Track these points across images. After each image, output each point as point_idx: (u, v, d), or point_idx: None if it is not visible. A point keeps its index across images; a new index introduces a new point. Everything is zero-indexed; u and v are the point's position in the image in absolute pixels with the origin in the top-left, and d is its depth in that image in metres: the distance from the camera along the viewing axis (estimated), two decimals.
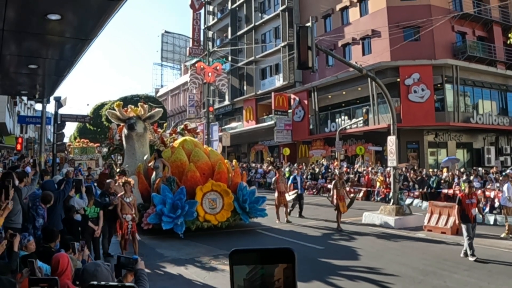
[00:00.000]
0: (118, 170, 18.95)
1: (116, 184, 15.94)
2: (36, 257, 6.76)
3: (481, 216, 17.98)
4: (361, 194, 33.62)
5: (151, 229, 17.86)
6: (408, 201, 25.59)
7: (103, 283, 2.51)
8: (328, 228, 20.31)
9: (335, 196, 20.10)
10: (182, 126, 26.62)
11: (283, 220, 21.76)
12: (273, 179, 23.79)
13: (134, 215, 13.91)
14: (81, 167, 34.30)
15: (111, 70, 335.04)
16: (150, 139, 22.90)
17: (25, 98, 48.14)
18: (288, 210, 22.74)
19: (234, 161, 25.15)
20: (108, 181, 14.57)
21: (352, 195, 23.54)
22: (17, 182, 10.48)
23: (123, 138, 22.08)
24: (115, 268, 5.42)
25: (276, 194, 22.27)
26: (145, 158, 21.05)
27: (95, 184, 20.17)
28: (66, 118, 25.52)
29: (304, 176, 39.90)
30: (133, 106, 22.39)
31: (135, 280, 5.18)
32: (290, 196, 23.20)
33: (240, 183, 20.18)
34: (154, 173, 19.17)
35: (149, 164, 19.79)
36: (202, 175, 19.67)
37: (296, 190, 24.02)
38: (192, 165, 19.68)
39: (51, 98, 22.32)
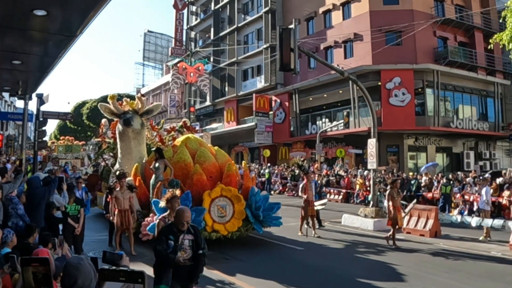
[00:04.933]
0: (117, 172, 16.30)
1: (118, 189, 14.71)
2: (18, 253, 6.76)
3: None
4: (341, 196, 33.77)
5: (150, 240, 14.22)
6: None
7: (113, 267, 2.53)
8: (344, 240, 19.33)
9: (391, 207, 17.19)
10: (181, 123, 24.69)
11: (306, 233, 18.82)
12: (301, 185, 20.32)
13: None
14: (67, 166, 33.63)
15: (92, 69, 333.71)
16: (147, 137, 20.61)
17: (5, 95, 47.83)
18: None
19: (243, 162, 23.09)
20: (180, 207, 8.21)
21: (410, 204, 20.67)
22: None
23: (117, 135, 19.65)
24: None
25: (303, 203, 19.22)
26: (144, 159, 18.67)
27: (87, 190, 17.97)
28: (48, 115, 25.00)
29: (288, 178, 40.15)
30: (128, 99, 19.88)
31: None
32: (317, 206, 20.31)
33: (251, 188, 17.46)
34: (153, 175, 16.45)
35: (151, 167, 17.09)
36: (209, 178, 17.05)
37: (325, 199, 22.67)
38: (198, 166, 16.95)
39: (33, 95, 21.87)
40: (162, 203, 9.46)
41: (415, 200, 20.72)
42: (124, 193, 14.54)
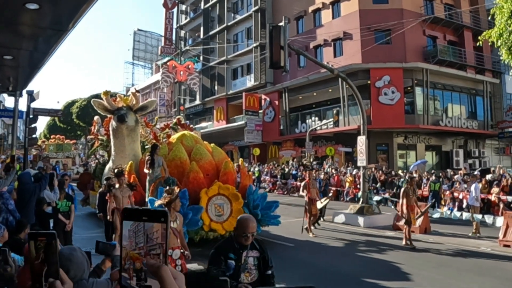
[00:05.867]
0: (115, 169, 14.61)
1: (117, 186, 13.73)
2: (8, 247, 6.76)
3: None
4: (331, 194, 33.82)
5: None
6: (376, 198, 25.70)
7: (136, 207, 2.57)
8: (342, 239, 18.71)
9: (404, 206, 16.38)
10: (175, 121, 24.06)
11: (301, 230, 18.39)
12: (302, 184, 19.94)
13: (183, 249, 8.31)
14: (58, 165, 33.31)
15: (82, 68, 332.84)
16: (141, 134, 20.05)
17: None
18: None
19: (240, 160, 22.42)
20: (243, 215, 6.73)
21: (426, 207, 19.46)
22: None
23: (111, 132, 19.14)
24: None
25: (306, 201, 18.68)
26: (138, 157, 18.27)
27: (73, 187, 16.95)
28: (39, 112, 24.88)
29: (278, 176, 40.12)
30: (122, 95, 19.72)
31: (112, 266, 5.23)
32: (321, 204, 19.96)
33: (249, 186, 17.13)
34: (149, 172, 15.80)
35: (147, 162, 16.06)
36: (205, 176, 16.55)
37: (328, 197, 22.13)
38: (195, 164, 16.47)
39: (24, 92, 21.68)
40: (159, 202, 8.64)
41: (430, 203, 20.46)
42: (123, 191, 13.79)
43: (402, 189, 17.21)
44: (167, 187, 9.05)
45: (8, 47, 11.98)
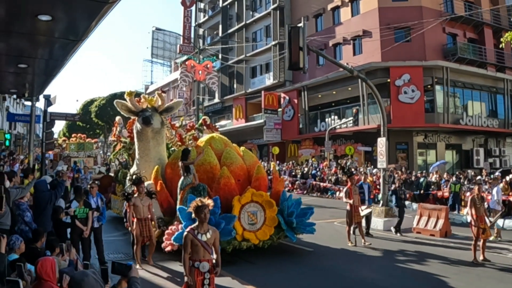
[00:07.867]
0: (133, 176, 14.59)
1: (136, 195, 13.49)
2: (24, 260, 6.72)
3: None
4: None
5: (175, 251, 13.81)
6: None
7: None
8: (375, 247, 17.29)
9: (474, 217, 14.82)
10: (200, 121, 23.32)
11: (356, 242, 17.24)
12: (345, 189, 18.40)
13: (214, 261, 8.19)
14: (80, 167, 32.66)
15: (101, 66, 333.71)
16: (166, 136, 19.01)
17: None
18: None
19: (272, 164, 21.51)
20: None
21: (496, 216, 18.35)
22: (7, 183, 10.39)
23: (135, 135, 18.12)
24: (102, 274, 5.40)
25: (348, 208, 17.55)
26: (164, 161, 17.50)
27: (102, 197, 14.97)
28: (55, 116, 24.69)
29: (298, 176, 39.96)
30: (147, 96, 18.53)
31: (128, 287, 5.16)
32: (362, 212, 18.40)
33: (283, 192, 16.30)
34: (181, 178, 14.95)
35: (180, 165, 15.14)
36: (237, 182, 15.63)
37: (370, 206, 20.49)
38: (226, 169, 15.49)
39: (41, 96, 21.60)
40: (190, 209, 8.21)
41: (501, 212, 19.81)
42: (143, 199, 13.45)
43: (469, 198, 15.50)
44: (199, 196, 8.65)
45: (23, 56, 12.05)
